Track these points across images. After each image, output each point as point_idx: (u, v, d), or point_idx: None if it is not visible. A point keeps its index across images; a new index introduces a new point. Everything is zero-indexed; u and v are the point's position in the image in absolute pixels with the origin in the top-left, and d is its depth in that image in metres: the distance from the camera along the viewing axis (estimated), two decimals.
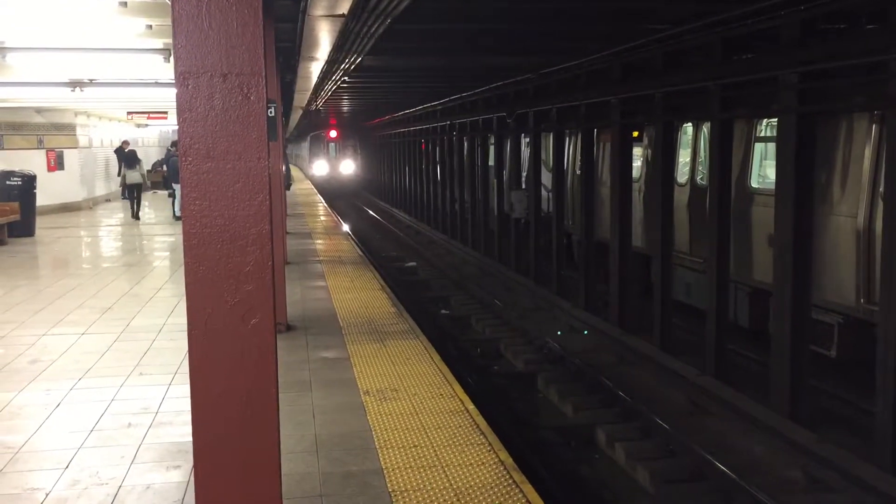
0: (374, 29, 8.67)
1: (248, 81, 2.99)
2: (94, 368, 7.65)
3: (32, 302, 10.78)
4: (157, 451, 5.63)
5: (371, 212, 36.20)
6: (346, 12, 7.74)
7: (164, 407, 6.53)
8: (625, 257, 12.90)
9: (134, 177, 22.51)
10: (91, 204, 25.71)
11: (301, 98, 20.51)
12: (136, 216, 22.07)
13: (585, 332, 13.18)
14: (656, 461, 8.15)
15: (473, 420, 6.13)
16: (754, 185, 11.18)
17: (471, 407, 6.43)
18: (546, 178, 17.41)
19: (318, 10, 7.70)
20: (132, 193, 22.30)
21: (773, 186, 9.45)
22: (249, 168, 3.04)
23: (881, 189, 8.60)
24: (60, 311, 10.13)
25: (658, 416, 8.94)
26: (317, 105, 22.28)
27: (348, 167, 46.28)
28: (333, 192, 41.15)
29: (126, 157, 23.87)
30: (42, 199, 19.64)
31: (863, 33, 8.64)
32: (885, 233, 7.67)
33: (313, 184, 40.93)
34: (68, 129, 24.17)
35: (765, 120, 11.07)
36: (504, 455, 5.44)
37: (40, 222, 18.87)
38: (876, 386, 7.62)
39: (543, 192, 17.47)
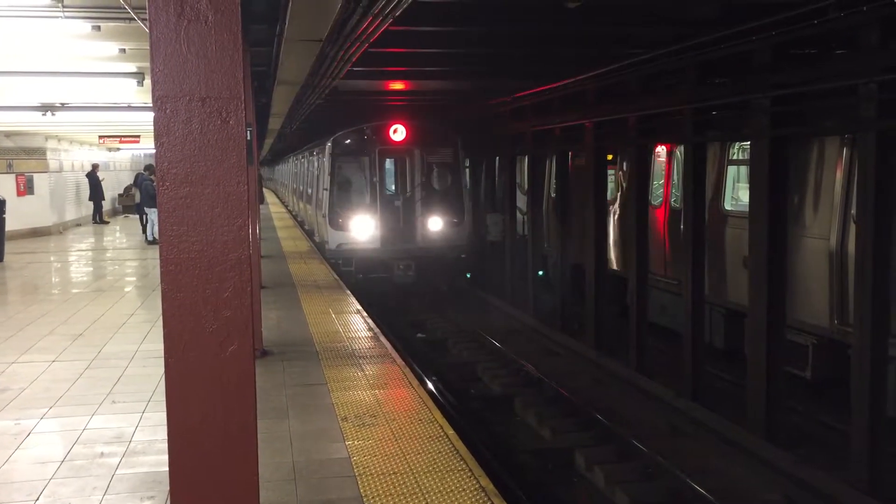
0: (349, 53, 8.68)
1: (226, 105, 2.96)
2: (66, 397, 7.50)
3: (1, 329, 10.57)
4: (130, 482, 5.50)
5: None
6: (322, 38, 7.75)
7: (138, 436, 6.41)
8: (600, 280, 12.94)
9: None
10: (61, 229, 25.38)
11: (276, 121, 20.48)
12: (145, 231, 22.52)
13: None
14: (635, 484, 8.12)
15: (453, 445, 6.07)
16: (727, 207, 11.29)
17: (450, 432, 6.37)
18: (521, 200, 17.48)
19: (295, 35, 7.70)
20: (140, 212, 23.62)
21: (745, 209, 9.55)
22: (228, 193, 3.00)
23: (853, 211, 8.72)
24: (30, 338, 9.94)
25: (636, 439, 8.92)
26: (292, 128, 22.18)
27: (452, 230, 17.64)
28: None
29: (135, 179, 25.40)
30: (11, 223, 19.39)
31: (833, 58, 8.78)
32: (858, 254, 7.76)
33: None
34: (38, 154, 23.92)
35: (737, 143, 11.20)
36: (485, 481, 5.39)
37: (9, 247, 18.58)
38: (851, 406, 7.67)
39: (518, 215, 17.54)
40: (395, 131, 17.48)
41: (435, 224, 17.42)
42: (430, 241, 17.32)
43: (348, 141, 17.86)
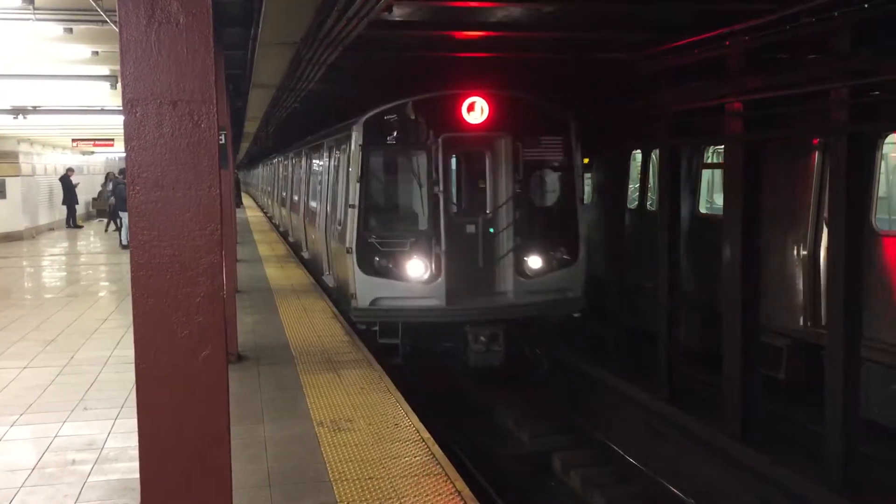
0: (325, 56, 8.66)
1: (198, 109, 2.94)
2: (37, 403, 7.39)
3: None
4: (102, 490, 5.43)
5: None
6: (297, 40, 7.73)
7: (110, 443, 6.33)
8: None
9: None
10: (34, 233, 25.07)
11: (252, 125, 20.40)
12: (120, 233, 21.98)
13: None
14: (613, 487, 8.14)
15: (429, 449, 6.05)
16: (703, 210, 11.36)
17: (426, 436, 6.35)
18: None
19: (269, 38, 7.67)
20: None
21: (719, 212, 9.60)
22: (200, 197, 2.97)
23: (825, 214, 8.80)
24: (1, 344, 9.80)
25: (613, 442, 8.95)
26: (268, 131, 22.07)
27: (562, 272, 10.65)
28: None
29: (105, 178, 25.24)
30: None
31: (805, 63, 8.86)
32: (830, 257, 7.83)
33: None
34: (10, 157, 23.63)
35: (711, 147, 11.28)
36: (461, 485, 5.38)
37: None
38: (825, 408, 7.73)
39: None
40: (470, 108, 10.36)
41: (535, 262, 10.51)
42: (529, 293, 10.43)
43: (391, 124, 10.49)
